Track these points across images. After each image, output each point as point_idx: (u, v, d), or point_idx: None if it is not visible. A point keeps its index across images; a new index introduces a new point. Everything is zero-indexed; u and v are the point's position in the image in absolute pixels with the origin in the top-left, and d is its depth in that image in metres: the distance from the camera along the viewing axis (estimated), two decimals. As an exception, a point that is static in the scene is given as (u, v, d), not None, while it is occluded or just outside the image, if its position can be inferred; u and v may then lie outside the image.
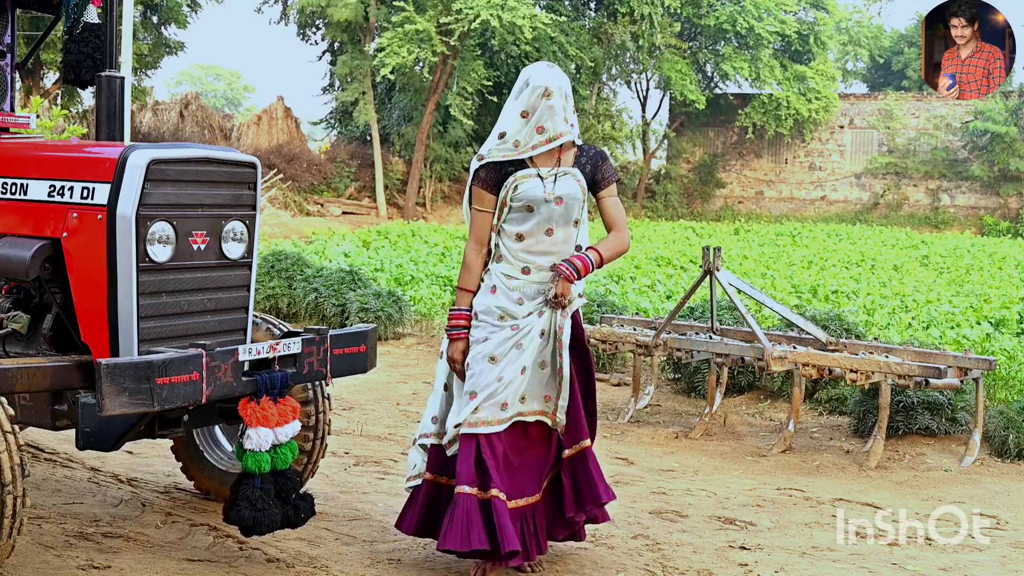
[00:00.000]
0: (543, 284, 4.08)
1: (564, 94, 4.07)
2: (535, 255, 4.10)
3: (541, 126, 4.05)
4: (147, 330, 3.97)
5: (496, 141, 4.13)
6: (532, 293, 4.09)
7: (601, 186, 4.17)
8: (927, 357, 6.47)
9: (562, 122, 4.06)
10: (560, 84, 4.06)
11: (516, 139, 4.08)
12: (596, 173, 4.16)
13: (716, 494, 5.67)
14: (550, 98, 4.03)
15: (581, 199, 4.11)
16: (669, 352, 7.28)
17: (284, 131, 30.29)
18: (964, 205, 30.61)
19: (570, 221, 4.11)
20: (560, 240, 4.11)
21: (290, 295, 11.01)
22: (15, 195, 4.22)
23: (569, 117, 4.10)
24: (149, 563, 4.25)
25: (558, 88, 4.05)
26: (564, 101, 4.07)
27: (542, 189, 4.06)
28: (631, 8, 28.18)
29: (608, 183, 4.18)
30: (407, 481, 4.30)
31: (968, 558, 4.76)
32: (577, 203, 4.10)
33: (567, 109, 4.09)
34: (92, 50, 4.88)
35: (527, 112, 4.06)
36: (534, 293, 4.09)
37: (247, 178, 4.32)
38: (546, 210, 4.07)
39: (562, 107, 4.06)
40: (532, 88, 4.05)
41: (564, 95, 4.07)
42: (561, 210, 4.08)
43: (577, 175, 4.11)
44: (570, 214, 4.10)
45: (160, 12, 25.95)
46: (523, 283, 4.10)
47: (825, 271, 16.13)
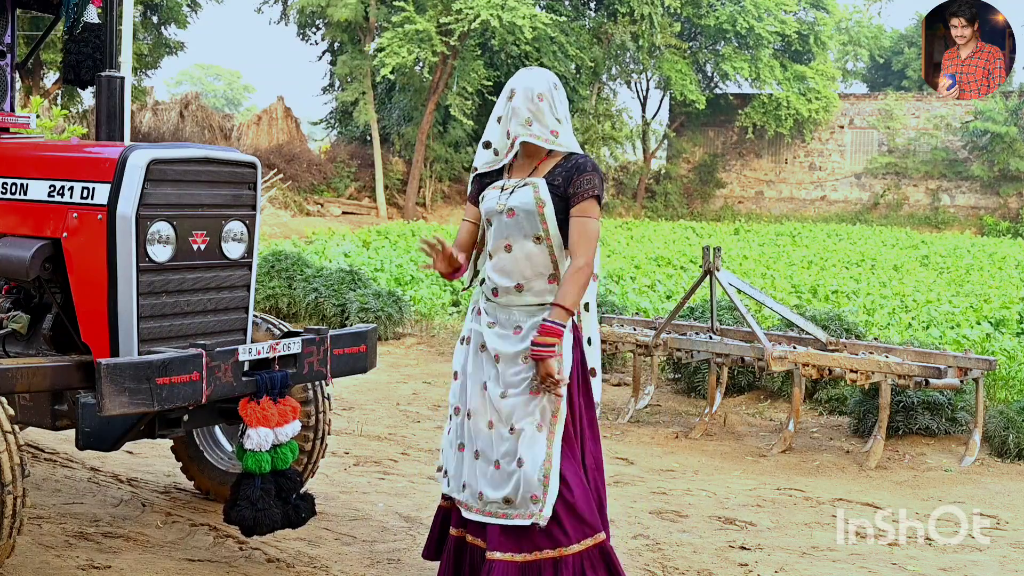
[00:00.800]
0: (510, 309, 3.70)
1: (532, 96, 3.67)
2: (498, 274, 3.71)
3: (508, 130, 3.72)
4: (147, 330, 3.97)
5: (482, 152, 3.87)
6: (504, 319, 3.71)
7: (571, 201, 3.64)
8: (927, 357, 6.47)
9: (521, 125, 3.66)
10: (529, 85, 3.69)
11: (496, 147, 3.80)
12: (569, 186, 3.65)
13: (716, 494, 5.67)
14: (512, 99, 3.70)
15: (536, 212, 3.63)
16: (669, 352, 7.28)
17: (284, 131, 30.30)
18: (964, 205, 30.61)
19: (528, 236, 3.66)
20: (520, 257, 3.67)
21: (290, 295, 11.01)
22: (15, 195, 4.22)
23: (540, 119, 3.67)
24: (149, 563, 4.25)
25: (524, 89, 3.68)
26: (531, 102, 3.67)
27: (496, 200, 3.72)
28: (631, 8, 28.19)
29: (578, 199, 3.63)
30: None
31: (968, 558, 4.76)
32: (532, 216, 3.64)
33: (537, 110, 3.67)
34: (92, 50, 4.88)
35: (500, 117, 3.77)
36: (504, 319, 3.71)
37: (247, 178, 4.32)
38: (498, 222, 3.71)
39: (525, 109, 3.66)
40: (504, 91, 3.78)
41: (531, 97, 3.67)
42: (513, 223, 3.67)
43: (539, 186, 3.66)
44: (524, 228, 3.66)
45: (160, 12, 25.97)
46: (492, 306, 3.75)
47: (825, 271, 16.13)
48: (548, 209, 3.64)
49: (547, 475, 3.54)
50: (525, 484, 3.54)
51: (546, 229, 3.65)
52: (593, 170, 3.67)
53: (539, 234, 3.66)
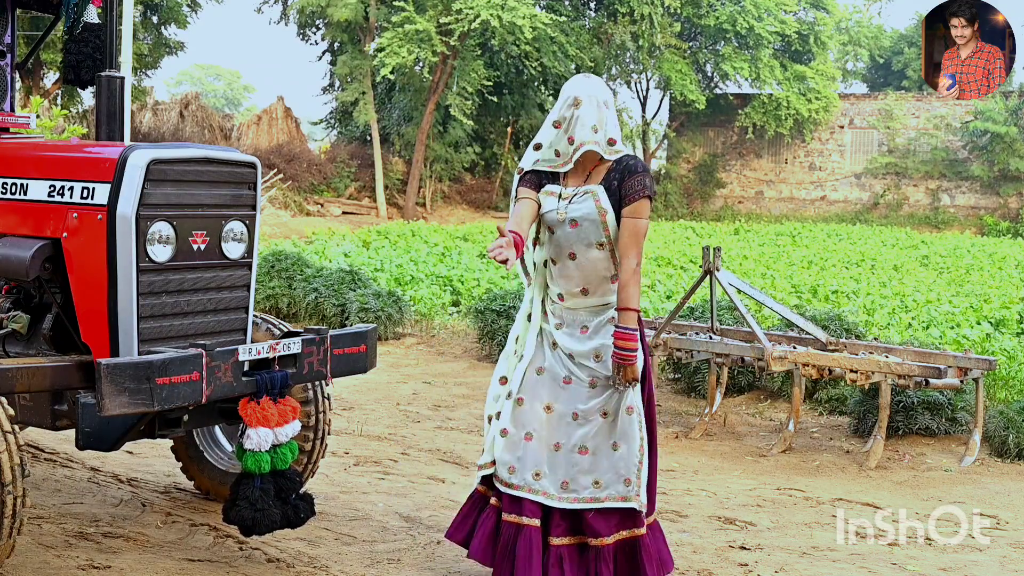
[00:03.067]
0: (576, 311, 3.92)
1: (598, 102, 3.84)
2: (564, 280, 3.91)
3: (571, 136, 3.85)
4: (147, 330, 3.97)
5: (532, 153, 3.98)
6: (570, 319, 3.93)
7: (624, 202, 3.81)
8: (927, 357, 6.47)
9: (589, 132, 3.82)
10: (593, 93, 3.85)
11: (556, 148, 3.90)
12: (621, 188, 3.82)
13: (716, 494, 5.67)
14: (578, 107, 3.83)
15: (599, 221, 3.81)
16: (669, 352, 7.27)
17: (284, 131, 30.30)
18: (964, 205, 30.61)
19: (592, 244, 3.84)
20: (584, 264, 3.87)
21: (290, 295, 11.01)
22: (15, 195, 4.22)
23: (602, 127, 3.84)
24: (149, 563, 4.25)
25: (588, 96, 3.84)
26: (598, 110, 3.84)
27: (555, 210, 3.88)
28: (631, 8, 28.18)
29: (630, 200, 3.80)
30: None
31: (968, 558, 4.76)
32: (595, 225, 3.82)
33: (601, 119, 3.84)
34: (92, 50, 4.88)
35: (559, 122, 3.89)
36: (571, 320, 3.93)
37: (247, 178, 4.31)
38: (561, 232, 3.88)
39: (594, 116, 3.82)
40: (564, 98, 3.90)
41: (598, 103, 3.84)
42: (576, 234, 3.85)
43: (599, 193, 3.83)
44: (588, 237, 3.84)
45: (160, 12, 25.96)
46: (559, 307, 3.96)
47: (825, 271, 16.13)
48: (610, 216, 3.83)
49: (641, 461, 3.87)
50: (624, 466, 3.85)
51: (608, 235, 3.84)
52: (644, 171, 3.85)
53: (602, 241, 3.85)
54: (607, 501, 3.84)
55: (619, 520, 3.88)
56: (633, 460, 3.86)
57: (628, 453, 3.85)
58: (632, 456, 3.86)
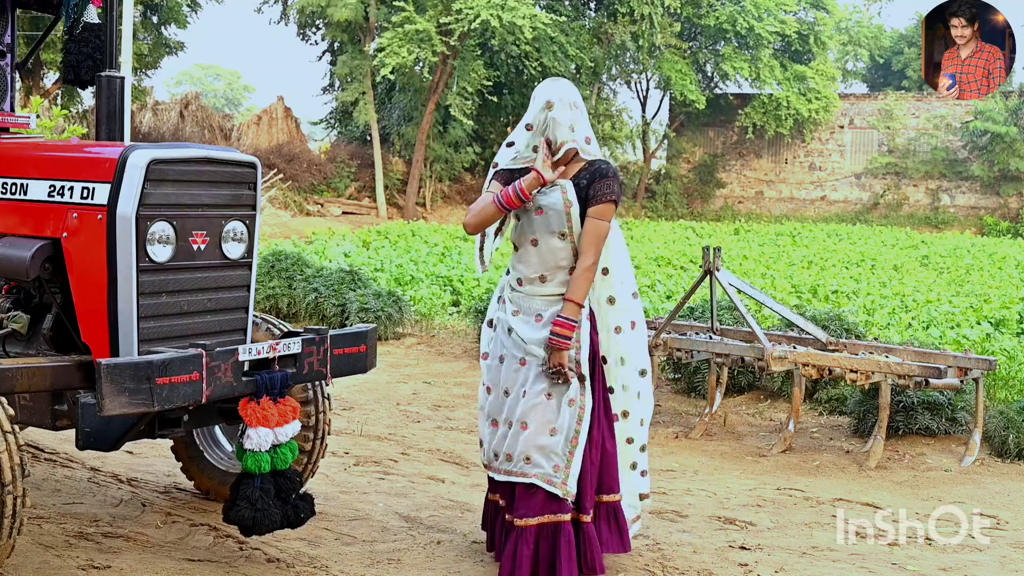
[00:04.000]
0: (533, 298, 4.11)
1: (569, 104, 4.08)
2: (523, 266, 4.14)
3: (548, 138, 4.07)
4: (147, 330, 3.97)
5: (508, 151, 4.25)
6: (526, 307, 4.13)
7: (589, 203, 4.06)
8: (927, 357, 6.47)
9: (567, 131, 4.06)
10: (563, 95, 4.09)
11: (534, 144, 4.14)
12: (590, 188, 4.07)
13: (716, 494, 5.67)
14: (551, 109, 4.07)
15: (564, 212, 4.04)
16: (669, 352, 7.27)
17: (284, 131, 30.31)
18: (964, 205, 30.62)
19: (554, 233, 4.07)
20: (544, 251, 4.09)
21: (290, 295, 11.01)
22: (15, 195, 4.22)
23: (577, 126, 4.09)
24: (149, 563, 4.24)
25: (559, 99, 4.08)
26: (570, 111, 4.08)
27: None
28: (631, 8, 28.18)
29: (596, 201, 4.05)
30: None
31: (968, 558, 4.76)
32: (560, 215, 4.04)
33: (574, 119, 4.09)
34: (92, 50, 4.87)
35: (531, 125, 4.14)
36: (526, 307, 4.13)
37: (247, 178, 4.31)
38: (526, 219, 4.10)
39: (567, 117, 4.07)
40: (536, 102, 4.13)
41: (569, 105, 4.08)
42: (541, 221, 4.07)
43: (566, 187, 4.05)
44: (552, 225, 4.06)
45: (160, 12, 25.97)
46: (517, 295, 4.17)
47: (825, 271, 16.13)
48: (575, 210, 4.04)
49: (571, 452, 4.01)
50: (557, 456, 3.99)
51: (571, 227, 4.05)
52: (614, 176, 4.08)
53: (564, 231, 4.06)
54: (535, 478, 4.00)
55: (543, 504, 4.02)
56: (565, 449, 4.01)
57: (563, 441, 4.01)
58: (566, 446, 4.01)
